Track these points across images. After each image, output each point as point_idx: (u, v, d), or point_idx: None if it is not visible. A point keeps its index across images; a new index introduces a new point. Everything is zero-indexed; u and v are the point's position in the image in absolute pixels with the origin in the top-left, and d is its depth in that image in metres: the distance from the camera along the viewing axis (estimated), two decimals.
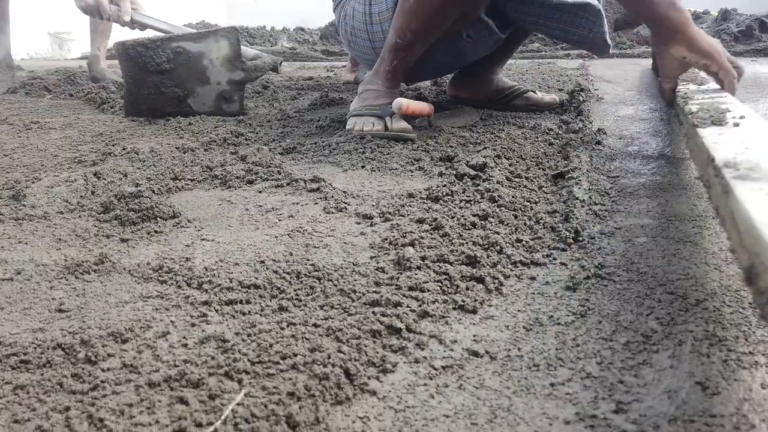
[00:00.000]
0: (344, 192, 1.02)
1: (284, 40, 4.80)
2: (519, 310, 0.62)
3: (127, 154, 1.31)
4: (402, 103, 1.37)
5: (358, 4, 1.48)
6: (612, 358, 0.53)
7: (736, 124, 0.80)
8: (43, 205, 0.97)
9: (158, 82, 1.72)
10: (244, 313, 0.62)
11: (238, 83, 1.76)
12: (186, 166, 1.20)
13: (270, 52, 4.21)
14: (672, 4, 1.14)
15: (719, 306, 0.62)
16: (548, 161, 1.17)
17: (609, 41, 1.46)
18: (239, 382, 0.49)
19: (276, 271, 0.71)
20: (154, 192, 1.04)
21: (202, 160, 1.24)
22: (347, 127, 1.43)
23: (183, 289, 0.68)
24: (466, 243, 0.76)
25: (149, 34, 1.86)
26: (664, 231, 0.83)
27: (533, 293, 0.66)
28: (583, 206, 0.91)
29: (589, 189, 0.99)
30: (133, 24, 1.94)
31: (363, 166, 1.18)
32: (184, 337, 0.57)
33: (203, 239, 0.84)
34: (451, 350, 0.55)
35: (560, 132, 1.42)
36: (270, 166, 1.14)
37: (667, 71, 1.24)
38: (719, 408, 0.46)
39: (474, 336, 0.57)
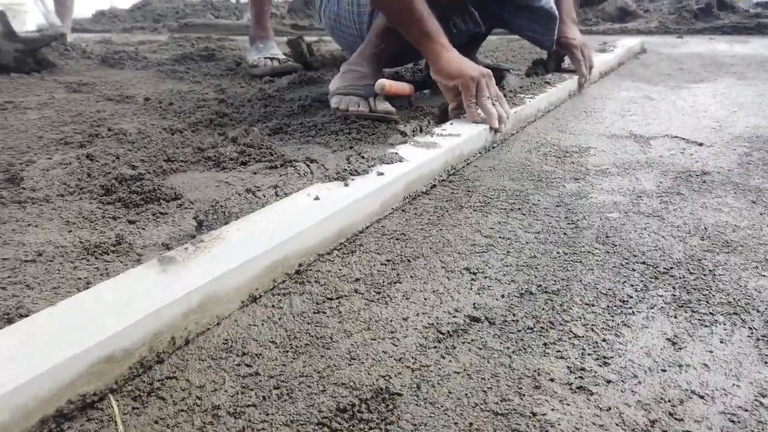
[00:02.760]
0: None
1: (249, 12, 4.73)
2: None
3: (114, 135, 1.33)
4: (384, 83, 1.42)
5: None
6: (595, 320, 0.61)
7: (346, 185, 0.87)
8: (42, 188, 1.00)
9: None
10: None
11: (24, 51, 2.29)
12: (177, 148, 1.23)
13: (235, 26, 4.16)
14: (425, 33, 1.22)
15: (684, 273, 0.70)
16: None
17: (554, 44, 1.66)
18: None
19: None
20: (150, 173, 1.07)
21: (192, 141, 1.27)
22: (332, 105, 1.47)
23: None
24: None
25: None
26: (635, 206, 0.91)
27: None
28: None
29: None
30: None
31: (351, 147, 1.23)
32: None
33: None
34: None
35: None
36: (261, 148, 1.18)
37: (444, 94, 1.28)
38: (687, 360, 0.55)
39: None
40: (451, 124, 1.20)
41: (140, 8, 4.86)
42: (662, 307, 0.64)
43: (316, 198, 0.80)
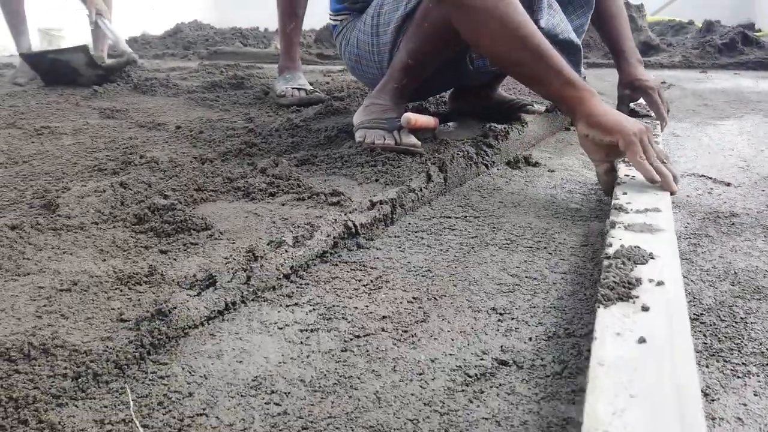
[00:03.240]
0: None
1: (278, 41, 4.83)
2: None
3: (147, 163, 1.36)
4: (410, 117, 1.44)
5: (362, 34, 1.54)
6: None
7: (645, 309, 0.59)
8: (77, 216, 1.02)
9: (53, 75, 2.68)
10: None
11: (103, 76, 2.68)
12: (207, 178, 1.26)
13: (263, 54, 4.26)
14: (568, 82, 1.07)
15: (715, 320, 0.70)
16: None
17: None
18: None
19: None
20: (181, 203, 1.10)
21: (222, 171, 1.30)
22: (357, 139, 1.49)
23: None
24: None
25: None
26: None
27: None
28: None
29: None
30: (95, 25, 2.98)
31: (377, 180, 1.25)
32: None
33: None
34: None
35: None
36: (290, 179, 1.20)
37: (588, 153, 1.11)
38: (720, 413, 0.54)
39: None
40: (625, 193, 0.96)
41: (171, 35, 5.01)
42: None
43: None
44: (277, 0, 2.36)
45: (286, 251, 0.84)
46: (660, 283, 0.64)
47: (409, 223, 1.05)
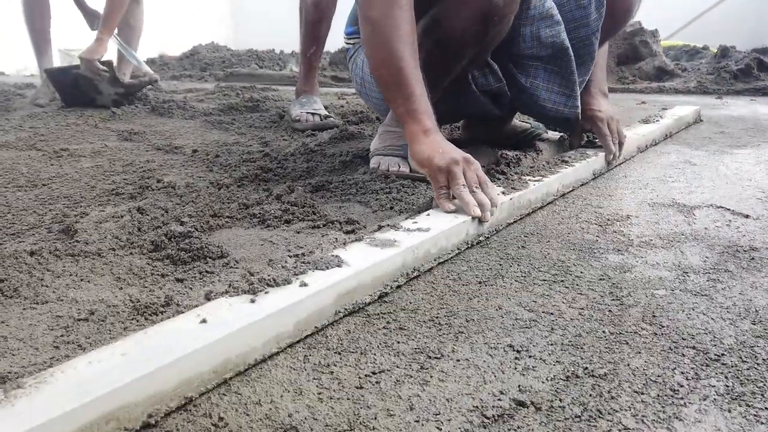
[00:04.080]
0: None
1: (293, 63, 4.89)
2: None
3: (164, 188, 1.38)
4: None
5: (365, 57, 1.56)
6: (645, 411, 0.60)
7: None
8: (95, 242, 1.03)
9: (72, 93, 2.75)
10: None
11: (123, 94, 2.76)
12: (223, 203, 1.27)
13: (279, 77, 4.31)
14: (409, 111, 1.13)
15: (736, 362, 0.68)
16: None
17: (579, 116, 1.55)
18: None
19: None
20: (197, 230, 1.10)
21: (238, 197, 1.31)
22: (371, 165, 1.50)
23: None
24: None
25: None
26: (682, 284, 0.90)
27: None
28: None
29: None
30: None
31: (391, 207, 1.25)
32: None
33: None
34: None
35: None
36: (305, 206, 1.21)
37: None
38: None
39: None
40: (428, 215, 1.05)
41: (189, 57, 5.09)
42: (715, 399, 0.62)
43: (203, 321, 0.65)
44: (300, 22, 2.39)
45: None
46: (304, 285, 0.75)
47: None
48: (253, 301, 0.71)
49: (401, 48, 1.12)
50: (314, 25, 2.34)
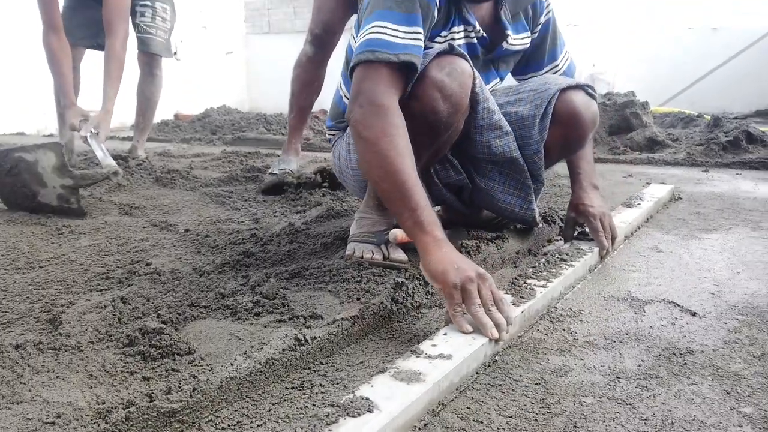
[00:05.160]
0: None
1: None
2: None
3: (150, 274, 1.48)
4: (397, 234, 1.54)
5: (342, 150, 1.67)
6: None
7: None
8: (77, 334, 1.12)
9: (11, 183, 2.15)
10: None
11: (71, 188, 2.13)
12: (202, 292, 1.36)
13: (283, 141, 4.48)
14: (417, 223, 1.16)
15: None
16: None
17: (539, 220, 1.64)
18: None
19: None
20: (173, 322, 1.19)
21: (216, 285, 1.40)
22: (347, 252, 1.59)
23: None
24: None
25: None
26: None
27: None
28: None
29: None
30: (85, 141, 2.47)
31: (358, 299, 1.33)
32: None
33: None
34: None
35: None
36: (275, 298, 1.29)
37: None
38: None
39: None
40: (445, 334, 1.04)
41: (200, 119, 5.32)
42: None
43: None
44: (290, 87, 2.76)
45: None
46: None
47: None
48: None
49: (401, 162, 1.20)
50: (295, 96, 2.76)
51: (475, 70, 1.41)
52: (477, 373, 1.02)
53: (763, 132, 3.66)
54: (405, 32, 1.30)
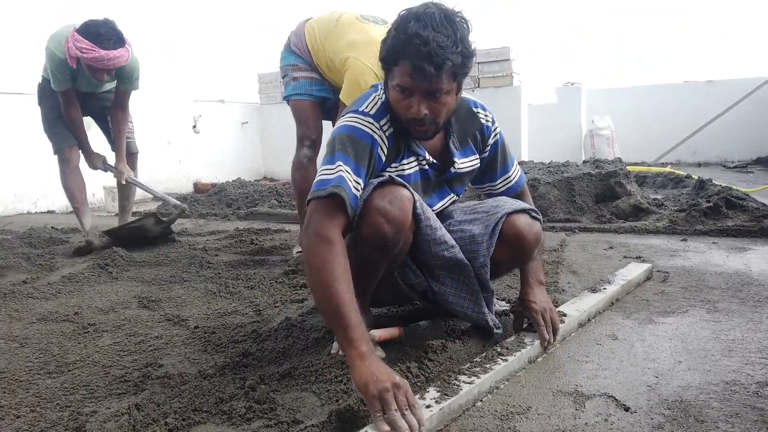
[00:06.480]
0: None
1: None
2: None
3: (160, 378, 1.71)
4: (374, 335, 1.76)
5: None
6: None
7: None
8: None
9: (133, 235, 3.67)
10: None
11: (166, 227, 3.77)
12: (204, 397, 1.59)
13: (293, 215, 4.77)
14: (348, 339, 1.38)
15: None
16: None
17: (491, 324, 1.83)
18: None
19: None
20: (178, 429, 1.42)
21: (217, 389, 1.63)
22: (332, 351, 1.81)
23: None
24: None
25: None
26: None
27: None
28: None
29: None
30: (126, 182, 3.94)
31: (337, 401, 1.55)
32: None
33: None
34: None
35: None
36: (265, 403, 1.52)
37: None
38: None
39: None
40: None
41: (216, 193, 5.66)
42: None
43: None
44: (295, 189, 3.09)
45: None
46: None
47: None
48: None
49: (337, 286, 1.46)
50: (302, 194, 2.96)
51: (415, 194, 1.67)
52: None
53: (745, 196, 3.85)
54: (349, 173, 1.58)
